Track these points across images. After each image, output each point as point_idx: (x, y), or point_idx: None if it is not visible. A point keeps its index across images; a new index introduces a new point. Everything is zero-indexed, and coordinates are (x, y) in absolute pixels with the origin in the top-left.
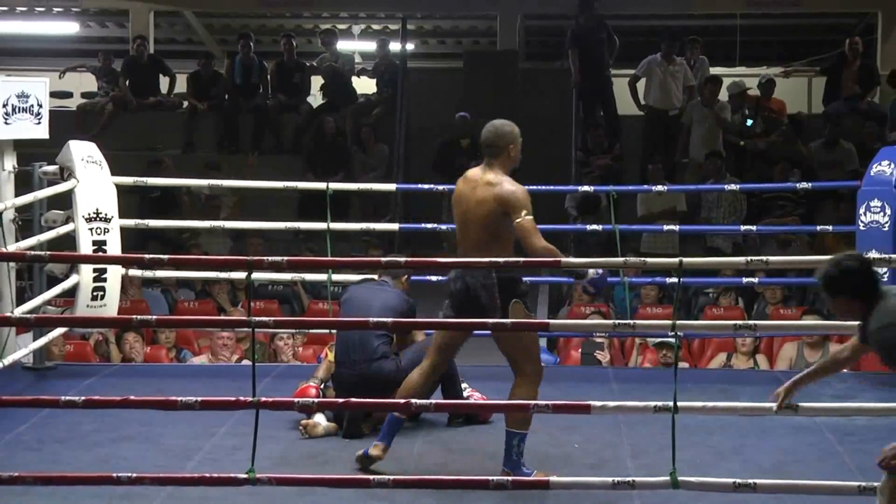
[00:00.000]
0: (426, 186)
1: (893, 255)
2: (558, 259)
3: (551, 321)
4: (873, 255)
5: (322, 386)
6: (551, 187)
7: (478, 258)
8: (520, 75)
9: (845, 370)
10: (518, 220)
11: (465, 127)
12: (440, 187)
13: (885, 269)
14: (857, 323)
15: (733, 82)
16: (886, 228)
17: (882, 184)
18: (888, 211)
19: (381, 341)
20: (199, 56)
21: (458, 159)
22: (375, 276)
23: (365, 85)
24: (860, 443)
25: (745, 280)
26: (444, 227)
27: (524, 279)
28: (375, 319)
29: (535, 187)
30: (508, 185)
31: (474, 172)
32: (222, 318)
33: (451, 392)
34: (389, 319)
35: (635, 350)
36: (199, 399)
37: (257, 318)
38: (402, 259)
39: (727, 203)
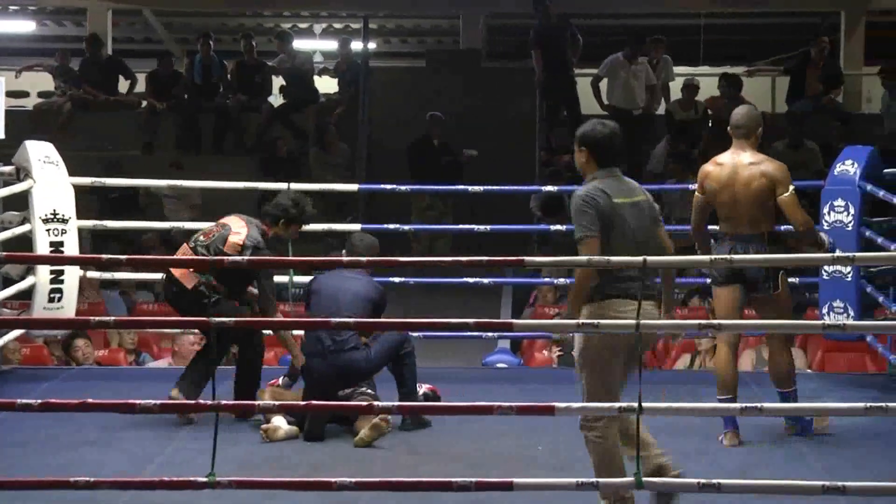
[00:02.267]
0: (389, 187)
1: (857, 254)
2: (521, 259)
3: (515, 321)
4: (838, 254)
5: (283, 381)
6: (515, 187)
7: (751, 233)
8: (483, 75)
9: (810, 370)
10: (784, 195)
11: (437, 126)
12: (403, 187)
13: (848, 269)
14: (819, 323)
15: (685, 79)
16: (850, 228)
17: (845, 183)
18: (851, 210)
19: (352, 332)
20: (159, 55)
21: (429, 158)
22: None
23: (327, 84)
24: (825, 444)
25: (708, 280)
26: (407, 227)
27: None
28: (336, 321)
29: (497, 187)
30: (772, 163)
31: (727, 156)
32: (181, 318)
33: (406, 393)
34: (352, 320)
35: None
36: (159, 402)
37: (217, 319)
38: (364, 258)
39: (690, 203)
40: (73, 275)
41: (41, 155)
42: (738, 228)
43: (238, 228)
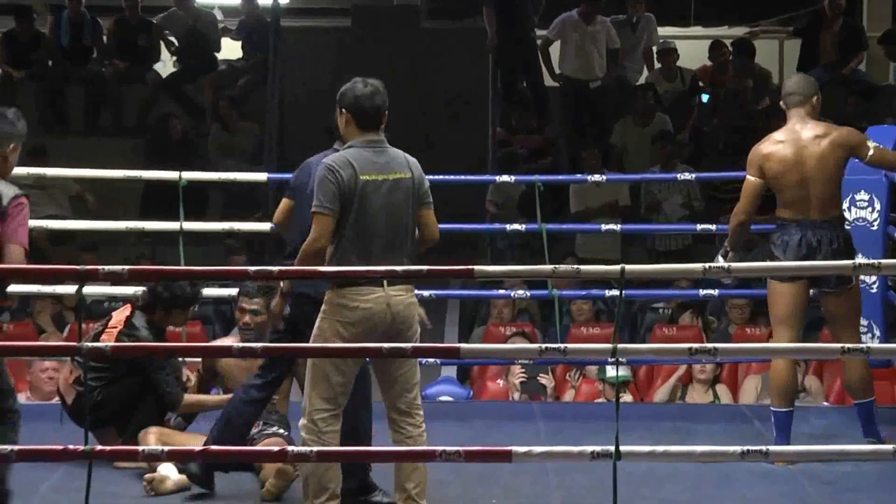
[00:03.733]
0: None
1: (883, 261)
2: (470, 268)
3: (462, 346)
4: (860, 259)
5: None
6: (463, 177)
7: (822, 218)
8: (423, 37)
9: (826, 403)
10: (871, 154)
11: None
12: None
13: (873, 279)
14: (837, 346)
15: (661, 42)
16: (875, 227)
17: (870, 172)
18: (877, 205)
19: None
20: (15, 11)
21: None
22: None
23: (228, 49)
24: (841, 492)
25: (702, 292)
26: None
27: None
28: (239, 345)
29: (440, 176)
30: (839, 130)
31: (785, 132)
32: (44, 343)
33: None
34: (259, 345)
35: (571, 378)
36: (16, 448)
37: (90, 345)
38: (276, 268)
39: (679, 196)
40: None
41: None
42: (808, 213)
43: (118, 318)
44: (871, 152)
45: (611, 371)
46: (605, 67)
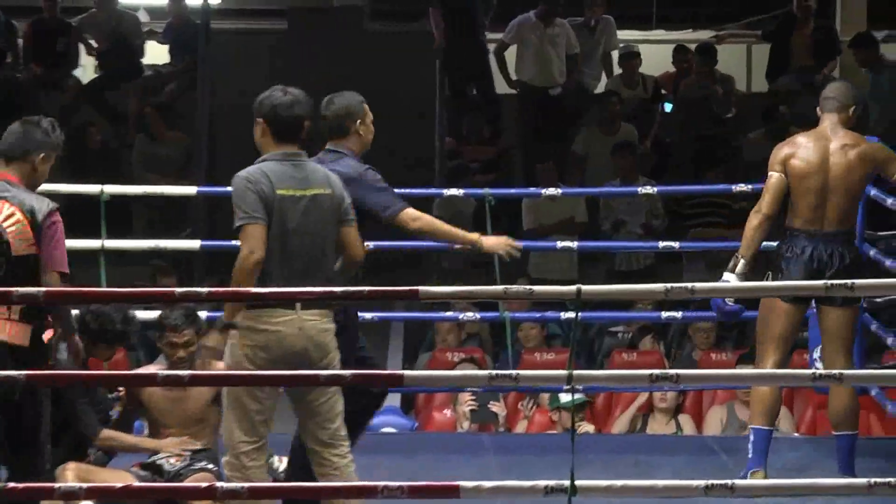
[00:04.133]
0: None
1: (857, 281)
2: (416, 288)
3: (406, 372)
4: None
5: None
6: (408, 190)
7: (836, 230)
8: (366, 40)
9: (796, 434)
10: None
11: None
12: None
13: None
14: (808, 372)
15: (623, 46)
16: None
17: None
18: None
19: None
20: None
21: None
22: None
23: (154, 53)
24: None
25: (664, 315)
26: None
27: None
28: (164, 373)
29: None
30: (870, 145)
31: (814, 134)
32: None
33: None
34: (186, 372)
35: (524, 408)
36: None
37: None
38: (205, 290)
39: (641, 211)
40: None
41: None
42: (822, 224)
43: None
44: None
45: (565, 397)
46: (564, 73)
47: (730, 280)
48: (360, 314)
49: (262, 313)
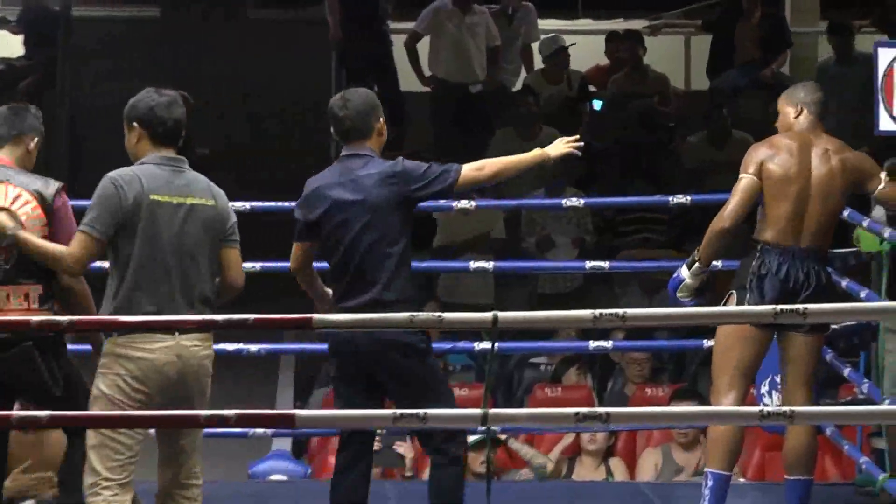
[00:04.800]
0: None
1: (810, 306)
2: (309, 316)
3: (298, 412)
4: (781, 306)
5: None
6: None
7: (811, 245)
8: (251, 30)
9: (743, 479)
10: (881, 186)
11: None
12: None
13: None
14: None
15: (545, 39)
16: None
17: None
18: None
19: None
20: None
21: None
22: None
23: (6, 44)
24: None
25: (592, 345)
26: None
27: None
28: (20, 414)
29: (271, 203)
30: (853, 153)
31: (796, 136)
32: None
33: None
34: (44, 413)
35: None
36: None
37: None
38: (65, 318)
39: (566, 225)
40: None
41: None
42: (798, 238)
43: None
44: (881, 185)
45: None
46: (485, 68)
47: (685, 278)
48: (245, 346)
49: (135, 338)
